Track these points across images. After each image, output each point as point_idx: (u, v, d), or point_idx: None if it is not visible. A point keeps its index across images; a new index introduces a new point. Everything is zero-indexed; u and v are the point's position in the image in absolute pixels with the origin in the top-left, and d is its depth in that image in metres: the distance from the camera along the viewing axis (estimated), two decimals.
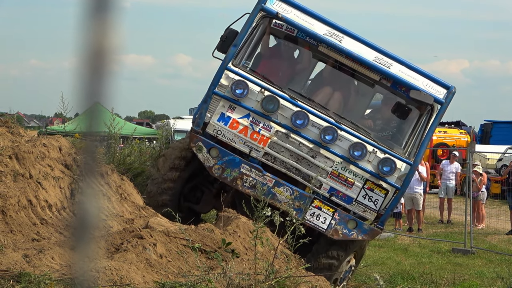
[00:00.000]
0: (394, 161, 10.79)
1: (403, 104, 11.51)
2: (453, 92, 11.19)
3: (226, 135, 10.79)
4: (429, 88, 11.12)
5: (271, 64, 11.69)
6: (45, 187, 8.68)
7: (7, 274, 5.46)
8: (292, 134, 10.78)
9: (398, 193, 10.96)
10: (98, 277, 5.92)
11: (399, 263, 16.57)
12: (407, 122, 11.61)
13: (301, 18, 11.16)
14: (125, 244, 7.09)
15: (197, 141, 10.77)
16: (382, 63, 11.12)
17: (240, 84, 10.74)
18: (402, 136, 11.60)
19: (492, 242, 21.45)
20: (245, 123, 10.78)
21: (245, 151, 10.82)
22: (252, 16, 11.09)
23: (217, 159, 10.76)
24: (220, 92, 10.78)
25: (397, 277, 14.16)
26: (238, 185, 10.79)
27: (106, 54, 1.07)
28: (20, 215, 7.86)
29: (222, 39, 11.34)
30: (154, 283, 6.28)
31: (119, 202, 10.11)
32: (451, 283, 13.50)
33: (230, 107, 10.78)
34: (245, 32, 11.08)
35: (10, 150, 8.94)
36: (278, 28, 11.48)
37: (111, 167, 10.96)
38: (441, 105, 11.10)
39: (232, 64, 10.91)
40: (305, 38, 11.39)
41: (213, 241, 8.01)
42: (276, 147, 10.80)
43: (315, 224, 10.74)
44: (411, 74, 11.19)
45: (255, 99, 10.78)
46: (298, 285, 7.43)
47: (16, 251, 6.76)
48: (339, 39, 11.14)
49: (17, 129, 10.66)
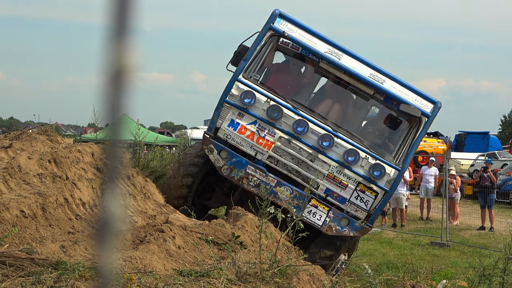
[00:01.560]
0: (383, 167, 10.73)
1: (394, 116, 11.43)
2: (439, 106, 11.13)
3: (235, 139, 10.73)
4: (417, 102, 11.04)
5: (277, 78, 11.60)
6: (80, 187, 8.69)
7: (46, 262, 5.46)
8: (294, 140, 10.72)
9: (386, 195, 10.90)
10: (125, 265, 5.91)
11: (384, 254, 16.54)
12: (398, 133, 11.52)
13: (305, 37, 11.12)
14: (148, 236, 7.08)
15: (209, 143, 10.73)
16: (376, 79, 11.06)
17: (248, 94, 10.69)
18: (393, 144, 11.51)
19: (465, 237, 21.42)
20: (252, 129, 10.72)
21: (251, 153, 10.76)
22: (262, 34, 11.06)
23: (226, 160, 10.71)
24: (231, 100, 10.73)
25: (383, 267, 14.14)
26: (244, 184, 10.73)
27: (125, 72, 1.09)
28: (58, 212, 7.87)
29: (235, 54, 11.31)
30: (173, 271, 6.27)
31: (143, 200, 10.11)
32: (429, 271, 13.44)
33: (239, 114, 10.73)
34: (254, 48, 11.01)
35: (49, 155, 8.96)
36: (285, 46, 11.35)
37: (136, 170, 10.98)
38: (427, 118, 11.04)
39: (242, 76, 10.85)
40: (308, 55, 11.29)
41: (224, 234, 8.01)
42: (279, 151, 10.73)
43: (312, 220, 10.66)
44: (402, 90, 11.12)
45: (261, 107, 10.71)
46: (297, 273, 7.41)
47: (54, 242, 6.76)
48: (339, 56, 11.09)
49: (56, 137, 10.69)
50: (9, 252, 5.80)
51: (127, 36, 1.08)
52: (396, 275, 11.81)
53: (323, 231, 10.78)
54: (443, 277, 12.50)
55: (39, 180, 8.37)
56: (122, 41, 1.08)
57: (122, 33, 1.07)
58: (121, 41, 1.08)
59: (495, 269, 8.03)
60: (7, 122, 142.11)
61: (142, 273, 5.76)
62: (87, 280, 5.17)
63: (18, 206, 7.25)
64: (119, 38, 1.07)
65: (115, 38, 1.07)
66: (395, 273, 12.77)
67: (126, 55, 1.07)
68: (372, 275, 7.96)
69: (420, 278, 9.52)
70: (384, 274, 11.16)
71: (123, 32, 1.08)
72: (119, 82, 1.08)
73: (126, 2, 1.08)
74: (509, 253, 8.39)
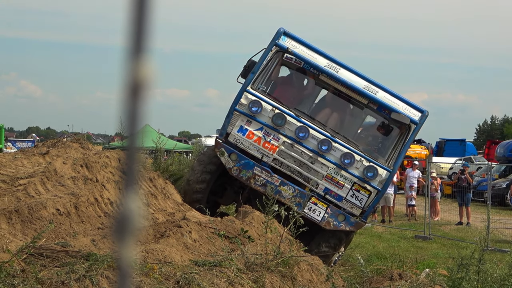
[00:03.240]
0: (376, 168, 10.64)
1: (386, 123, 11.33)
2: (426, 115, 11.06)
3: (243, 143, 10.66)
4: (407, 111, 10.95)
5: (282, 89, 11.51)
6: (108, 188, 8.68)
7: (79, 254, 5.45)
8: (296, 144, 10.64)
9: (379, 194, 10.81)
10: (148, 256, 5.90)
11: (374, 246, 16.47)
12: (389, 138, 11.41)
13: (306, 52, 11.04)
14: (168, 231, 7.07)
15: (221, 147, 10.67)
16: (370, 90, 10.96)
17: (255, 103, 10.63)
18: (385, 148, 11.42)
19: (445, 231, 21.33)
20: (259, 134, 10.65)
21: (258, 156, 10.68)
22: (268, 50, 11.00)
23: (236, 162, 10.63)
24: (240, 109, 10.68)
25: (373, 257, 14.06)
26: (251, 183, 10.64)
27: (142, 86, 1.10)
28: (89, 210, 7.86)
29: (244, 68, 11.21)
30: (190, 261, 6.25)
31: (163, 200, 10.10)
32: (414, 261, 13.40)
33: (247, 121, 10.67)
34: (261, 62, 10.93)
35: (81, 161, 8.96)
36: (289, 61, 11.28)
37: (157, 173, 10.96)
38: (416, 125, 10.97)
39: (251, 87, 10.78)
40: (310, 69, 11.21)
41: (234, 229, 7.99)
42: (283, 154, 10.65)
43: (312, 216, 10.57)
44: (393, 100, 11.03)
45: (267, 115, 10.65)
46: (298, 263, 7.39)
47: (85, 237, 6.75)
48: (336, 70, 11.00)
49: (87, 145, 10.70)
50: (46, 245, 5.80)
51: (143, 54, 1.09)
52: (385, 264, 11.79)
53: (322, 226, 10.68)
54: (426, 266, 12.45)
55: (73, 182, 8.37)
56: (138, 59, 1.09)
57: (138, 52, 1.08)
58: (137, 59, 1.09)
59: (471, 259, 7.99)
60: (45, 132, 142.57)
61: (162, 263, 5.74)
62: (114, 270, 5.16)
63: (54, 205, 7.25)
64: (136, 57, 1.08)
65: (132, 57, 1.08)
66: (384, 263, 12.75)
67: (142, 71, 1.08)
68: (364, 264, 7.93)
69: (406, 267, 9.50)
70: (374, 264, 11.16)
71: (139, 51, 1.09)
72: (137, 96, 1.09)
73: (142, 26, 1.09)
74: (484, 245, 8.35)
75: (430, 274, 8.84)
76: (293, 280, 6.90)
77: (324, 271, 7.64)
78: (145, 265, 5.48)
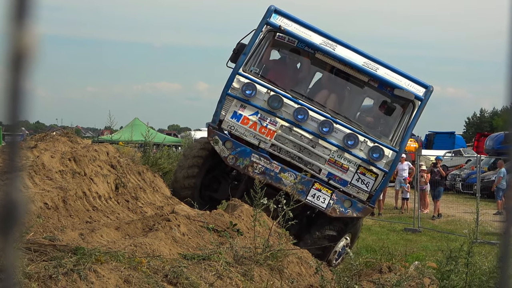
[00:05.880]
0: (382, 149, 10.06)
1: (389, 101, 10.69)
2: (431, 90, 10.39)
3: (238, 129, 10.10)
4: (410, 87, 10.34)
5: (276, 72, 10.82)
6: (96, 182, 8.65)
7: (66, 248, 5.43)
8: (295, 127, 10.07)
9: (386, 176, 10.25)
10: (136, 250, 5.89)
11: (364, 239, 16.51)
12: (393, 116, 10.76)
13: (300, 30, 10.42)
14: (156, 225, 7.06)
15: (214, 135, 10.11)
16: (370, 67, 10.33)
17: (249, 86, 10.06)
18: (389, 128, 10.75)
19: (434, 223, 21.44)
20: (254, 119, 10.09)
21: (255, 143, 10.13)
22: (258, 30, 10.37)
23: (231, 150, 10.07)
24: (233, 93, 10.09)
25: (362, 250, 14.11)
26: (249, 172, 10.06)
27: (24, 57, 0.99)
28: (77, 204, 7.84)
29: (234, 51, 10.60)
30: (178, 255, 6.25)
31: (152, 193, 10.08)
32: (403, 254, 13.44)
33: (241, 106, 10.10)
34: (253, 43, 10.32)
35: (69, 154, 8.92)
36: (281, 40, 10.61)
37: (146, 167, 10.92)
38: (421, 101, 10.30)
39: (242, 70, 10.21)
40: (304, 48, 10.57)
41: (223, 223, 7.98)
42: (281, 139, 10.10)
43: (316, 203, 10.04)
44: (395, 76, 10.40)
45: (262, 98, 10.07)
46: (287, 256, 7.40)
47: (73, 230, 6.73)
48: (333, 47, 10.38)
49: (75, 139, 10.64)
50: (34, 239, 5.78)
51: (26, 20, 0.98)
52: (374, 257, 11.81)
53: (327, 213, 10.14)
54: (415, 259, 12.51)
55: (61, 176, 8.33)
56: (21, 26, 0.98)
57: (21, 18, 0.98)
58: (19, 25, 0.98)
59: (460, 252, 8.02)
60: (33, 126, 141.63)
61: (151, 257, 5.73)
62: (102, 263, 5.15)
63: (42, 199, 7.22)
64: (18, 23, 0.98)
65: (14, 23, 0.98)
66: (373, 255, 12.77)
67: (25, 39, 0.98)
68: (353, 257, 7.94)
69: (395, 260, 9.51)
70: (363, 257, 11.16)
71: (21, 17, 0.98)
72: (19, 67, 0.98)
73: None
74: (473, 238, 8.39)
75: (419, 267, 8.87)
76: (281, 273, 6.91)
77: (313, 264, 7.65)
78: (134, 259, 5.46)
